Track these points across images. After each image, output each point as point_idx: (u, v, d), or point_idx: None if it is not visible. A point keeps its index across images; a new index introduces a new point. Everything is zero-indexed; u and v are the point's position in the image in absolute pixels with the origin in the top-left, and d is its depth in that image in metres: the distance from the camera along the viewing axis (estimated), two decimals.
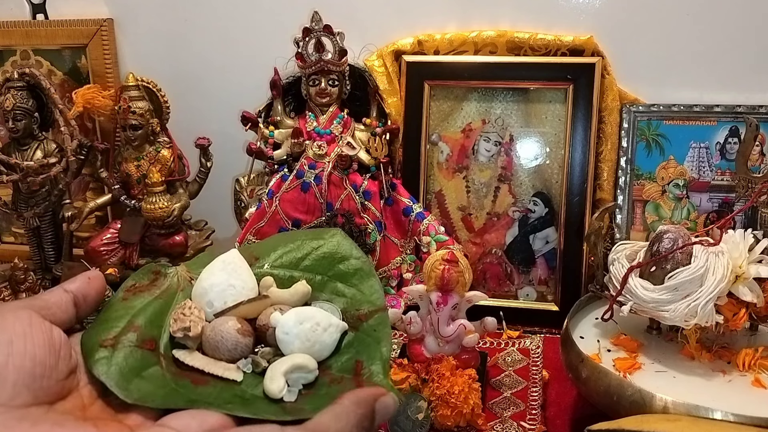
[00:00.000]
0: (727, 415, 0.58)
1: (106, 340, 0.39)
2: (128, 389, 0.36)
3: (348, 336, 0.40)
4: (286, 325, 0.38)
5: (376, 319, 0.40)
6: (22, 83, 1.03)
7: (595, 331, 0.76)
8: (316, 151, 0.95)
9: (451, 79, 0.99)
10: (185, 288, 0.43)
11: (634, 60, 0.96)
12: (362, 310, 0.40)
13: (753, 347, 0.70)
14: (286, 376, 0.37)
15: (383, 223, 0.97)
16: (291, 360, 0.37)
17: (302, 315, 0.39)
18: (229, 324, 0.39)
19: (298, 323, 0.38)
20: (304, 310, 0.39)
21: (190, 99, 1.10)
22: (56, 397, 0.37)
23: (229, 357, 0.39)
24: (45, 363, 0.36)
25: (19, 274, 0.99)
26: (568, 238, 0.95)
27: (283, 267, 0.44)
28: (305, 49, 0.93)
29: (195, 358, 0.39)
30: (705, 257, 0.67)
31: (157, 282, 0.43)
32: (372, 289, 0.42)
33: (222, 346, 0.39)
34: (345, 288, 0.42)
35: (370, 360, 0.38)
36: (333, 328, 0.39)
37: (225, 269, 0.42)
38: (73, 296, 0.41)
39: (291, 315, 0.39)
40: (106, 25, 1.11)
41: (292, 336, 0.38)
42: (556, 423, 0.73)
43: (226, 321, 0.40)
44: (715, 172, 0.94)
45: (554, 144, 0.97)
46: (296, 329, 0.38)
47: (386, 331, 0.39)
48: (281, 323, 0.39)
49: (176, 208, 1.01)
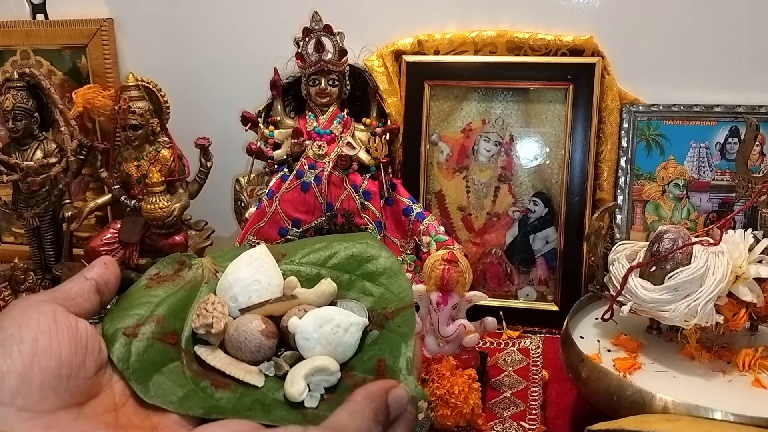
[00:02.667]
0: (727, 415, 0.58)
1: (127, 329, 0.38)
2: (147, 386, 0.35)
3: (372, 335, 0.39)
4: (305, 331, 0.37)
5: (402, 316, 0.39)
6: (22, 83, 1.03)
7: (595, 331, 0.76)
8: (316, 151, 0.95)
9: (451, 79, 0.98)
10: (210, 281, 0.42)
11: (634, 60, 0.96)
12: (389, 308, 0.39)
13: (753, 347, 0.70)
14: (307, 379, 0.36)
15: (383, 223, 0.97)
16: (312, 363, 0.36)
17: (321, 318, 0.38)
18: (253, 324, 0.39)
19: (317, 327, 0.37)
20: (322, 311, 0.38)
21: (190, 99, 1.10)
22: (86, 397, 0.35)
23: (251, 358, 0.38)
24: (72, 362, 0.35)
25: (19, 274, 0.99)
26: (568, 238, 0.95)
27: (310, 264, 0.43)
28: (305, 49, 0.93)
29: (217, 357, 0.38)
30: (705, 257, 0.67)
31: (181, 272, 0.42)
32: (401, 287, 0.40)
33: (245, 347, 0.38)
34: (373, 287, 0.41)
35: (393, 358, 0.36)
36: (354, 327, 0.38)
37: (252, 264, 0.41)
38: (95, 283, 0.40)
39: (309, 319, 0.38)
40: (106, 25, 1.11)
41: (313, 341, 0.37)
42: (556, 423, 0.73)
43: (251, 321, 0.39)
44: (715, 172, 0.94)
45: (554, 144, 0.97)
46: (316, 333, 0.37)
47: (411, 327, 0.38)
48: (300, 329, 0.38)
49: (176, 208, 1.01)
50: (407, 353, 0.36)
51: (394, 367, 0.36)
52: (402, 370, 0.36)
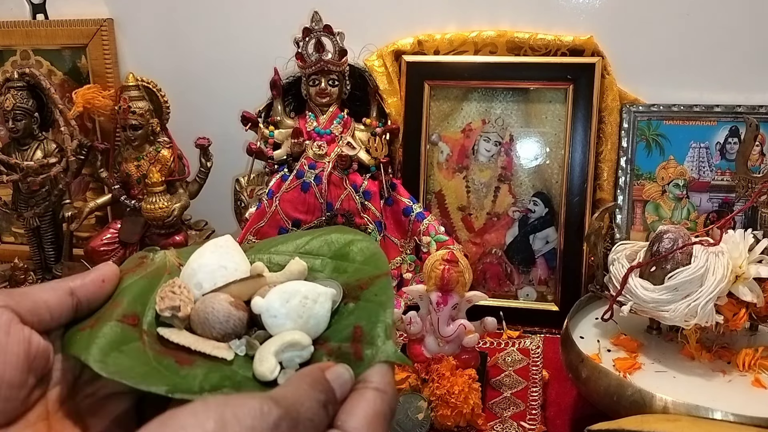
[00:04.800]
0: (727, 415, 0.58)
1: (85, 326, 0.35)
2: (104, 361, 0.32)
3: (347, 307, 0.36)
4: (272, 308, 0.35)
5: (378, 284, 0.37)
6: (22, 83, 1.03)
7: (595, 331, 0.76)
8: (316, 151, 0.95)
9: (451, 79, 0.98)
10: (173, 272, 0.40)
11: (634, 60, 0.96)
12: (363, 279, 0.37)
13: (753, 347, 0.70)
14: (277, 356, 0.33)
15: (383, 223, 0.97)
16: (281, 339, 0.34)
17: (287, 292, 0.35)
18: (221, 297, 0.36)
19: (284, 302, 0.35)
20: (286, 286, 0.36)
21: (190, 99, 1.10)
22: (19, 414, 0.32)
23: (221, 331, 0.35)
24: (14, 382, 0.31)
25: (19, 274, 0.99)
26: (568, 238, 0.95)
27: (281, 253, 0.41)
28: (305, 49, 0.93)
29: (182, 335, 0.35)
30: (705, 257, 0.67)
31: (143, 264, 0.40)
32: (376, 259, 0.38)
33: (213, 317, 0.35)
34: (347, 265, 0.39)
35: (370, 324, 0.34)
36: (323, 297, 0.35)
37: (216, 251, 0.39)
38: (77, 302, 0.36)
39: (274, 296, 0.35)
40: (106, 25, 1.11)
41: (282, 317, 0.35)
42: (556, 423, 0.73)
43: (217, 294, 0.36)
44: (715, 172, 0.94)
45: (554, 144, 0.97)
46: (284, 309, 0.35)
47: (389, 295, 0.36)
48: (266, 307, 0.35)
49: (176, 208, 1.01)
50: (386, 320, 0.34)
51: (371, 332, 0.34)
52: (380, 336, 0.34)
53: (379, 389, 0.31)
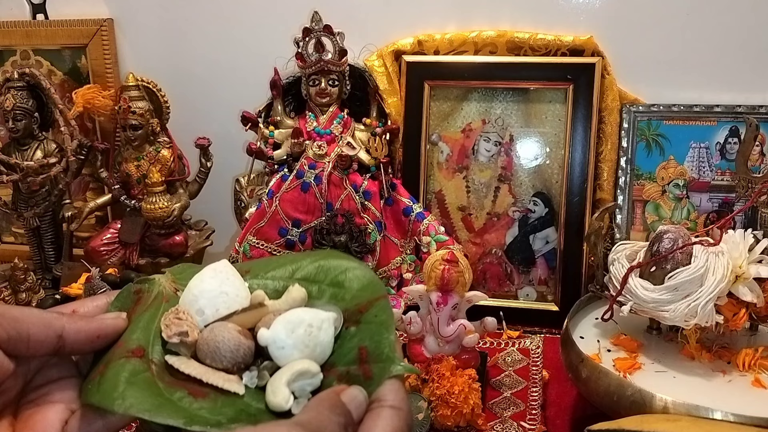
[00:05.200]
0: (727, 415, 0.58)
1: (95, 373, 0.35)
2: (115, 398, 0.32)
3: (349, 331, 0.37)
4: (279, 339, 0.35)
5: (377, 306, 0.37)
6: (22, 83, 1.03)
7: (595, 331, 0.76)
8: (316, 151, 0.95)
9: (451, 79, 0.98)
10: (171, 299, 0.39)
11: (634, 60, 0.96)
12: (362, 303, 0.38)
13: (753, 347, 0.70)
14: (290, 386, 0.34)
15: (383, 223, 0.97)
16: (291, 368, 0.34)
17: (291, 322, 0.36)
18: (229, 326, 0.36)
19: (290, 332, 0.35)
20: (289, 315, 0.36)
21: (190, 99, 1.10)
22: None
23: (231, 360, 0.35)
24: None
25: (19, 274, 0.99)
26: (568, 238, 0.95)
27: (277, 279, 0.41)
28: (305, 49, 0.93)
29: (191, 365, 0.35)
30: (705, 257, 0.67)
31: (141, 300, 0.39)
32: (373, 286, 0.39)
33: (224, 347, 0.35)
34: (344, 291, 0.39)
35: (374, 344, 0.35)
36: (327, 324, 0.36)
37: (216, 277, 0.39)
38: (60, 346, 0.35)
39: (279, 326, 0.35)
40: (106, 25, 1.11)
41: (289, 348, 0.35)
42: (556, 423, 0.73)
43: (225, 324, 0.37)
44: (715, 172, 0.94)
45: (554, 144, 0.97)
46: (291, 339, 0.35)
47: (389, 314, 0.36)
48: (272, 339, 0.35)
49: (176, 208, 1.01)
50: (389, 337, 0.35)
51: (377, 351, 0.34)
52: (386, 353, 0.34)
53: (394, 407, 0.32)
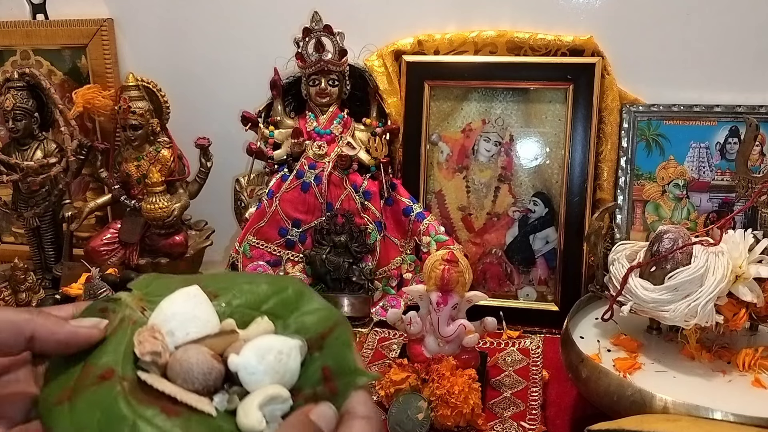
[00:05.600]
0: (727, 415, 0.58)
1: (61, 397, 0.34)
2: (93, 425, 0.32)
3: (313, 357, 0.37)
4: (249, 365, 0.35)
5: (337, 330, 0.38)
6: (22, 83, 1.03)
7: (595, 331, 0.76)
8: (316, 151, 0.95)
9: (451, 79, 0.98)
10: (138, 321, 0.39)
11: (634, 60, 0.96)
12: (324, 330, 0.38)
13: (753, 347, 0.70)
14: (261, 410, 0.34)
15: (383, 223, 0.97)
16: (264, 392, 0.34)
17: (261, 348, 0.36)
18: (202, 349, 0.36)
19: (261, 358, 0.35)
20: (259, 342, 0.36)
21: (190, 99, 1.10)
22: None
23: (202, 383, 0.35)
24: None
25: (19, 274, 0.99)
26: (568, 238, 0.95)
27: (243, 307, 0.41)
28: (305, 49, 0.93)
29: (164, 383, 0.35)
30: (705, 257, 0.67)
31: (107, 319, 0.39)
32: (333, 315, 0.39)
33: (197, 369, 0.35)
34: (307, 325, 0.39)
35: (337, 362, 0.36)
36: (294, 351, 0.37)
37: (189, 300, 0.39)
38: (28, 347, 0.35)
39: (250, 353, 0.36)
40: (106, 25, 1.11)
41: (260, 374, 0.35)
42: (556, 423, 0.73)
43: (198, 346, 0.36)
44: (715, 172, 0.94)
45: (554, 144, 0.97)
46: (261, 366, 0.35)
47: (350, 335, 0.37)
48: (243, 365, 0.35)
49: (176, 208, 1.01)
50: (351, 353, 0.36)
51: (340, 367, 0.35)
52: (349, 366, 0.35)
53: (364, 417, 0.33)
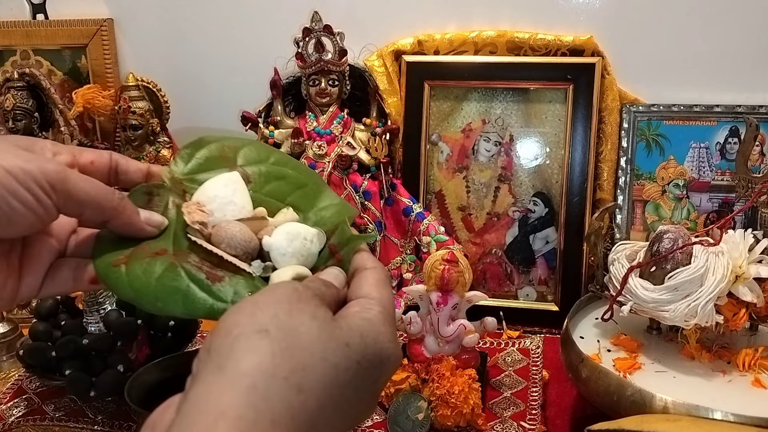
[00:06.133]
0: (727, 415, 0.58)
1: (118, 261, 0.38)
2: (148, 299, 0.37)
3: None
4: (281, 247, 0.40)
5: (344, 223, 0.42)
6: (22, 83, 1.03)
7: (595, 331, 0.76)
8: (316, 151, 0.95)
9: (451, 79, 0.98)
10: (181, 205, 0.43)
11: (634, 60, 0.96)
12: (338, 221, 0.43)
13: (753, 347, 0.70)
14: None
15: (383, 223, 0.97)
16: (294, 269, 0.39)
17: (290, 233, 0.40)
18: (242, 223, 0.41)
19: (290, 242, 0.40)
20: (288, 227, 0.41)
21: (190, 99, 1.10)
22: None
23: (243, 249, 0.40)
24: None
25: None
26: (568, 238, 0.95)
27: (271, 195, 0.45)
28: (305, 49, 0.93)
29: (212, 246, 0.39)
30: (705, 257, 0.67)
31: (152, 203, 0.43)
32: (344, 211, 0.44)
33: (240, 236, 0.40)
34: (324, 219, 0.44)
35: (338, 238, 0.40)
36: (316, 238, 0.41)
37: (229, 186, 0.43)
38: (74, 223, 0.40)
39: (280, 236, 0.40)
40: (106, 25, 1.11)
41: (289, 255, 0.40)
42: (556, 423, 0.73)
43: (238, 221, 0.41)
44: (715, 172, 0.94)
45: (554, 144, 0.97)
46: (291, 248, 0.40)
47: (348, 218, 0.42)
48: (275, 245, 0.40)
49: None
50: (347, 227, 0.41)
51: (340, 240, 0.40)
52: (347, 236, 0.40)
53: (371, 267, 0.37)
